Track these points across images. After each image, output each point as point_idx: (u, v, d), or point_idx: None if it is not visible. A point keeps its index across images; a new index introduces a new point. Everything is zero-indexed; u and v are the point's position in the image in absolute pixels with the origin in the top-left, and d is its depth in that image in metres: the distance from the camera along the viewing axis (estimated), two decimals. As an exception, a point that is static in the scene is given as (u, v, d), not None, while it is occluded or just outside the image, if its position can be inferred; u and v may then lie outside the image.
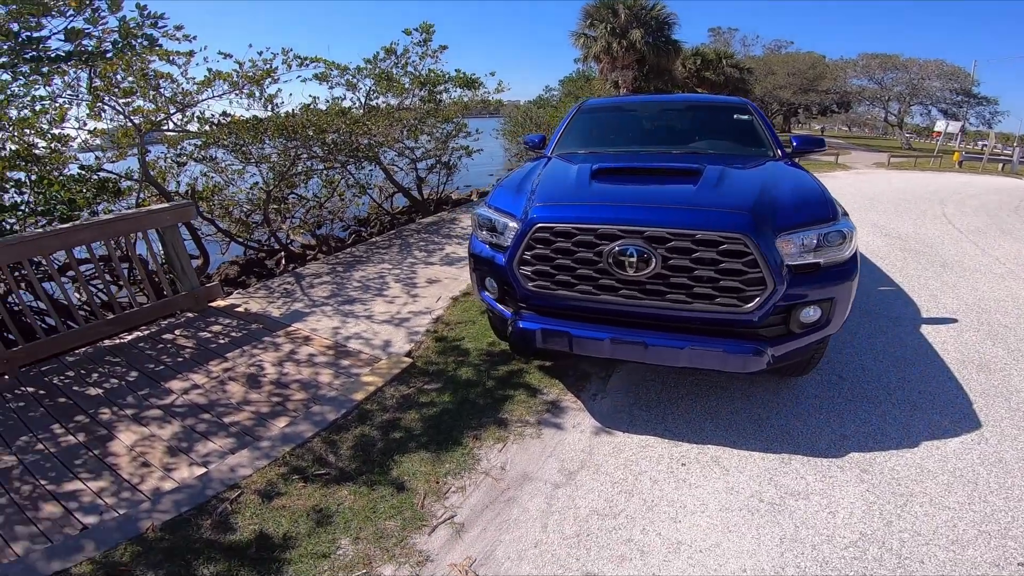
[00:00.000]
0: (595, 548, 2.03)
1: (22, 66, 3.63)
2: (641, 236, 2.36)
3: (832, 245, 2.42)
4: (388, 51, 6.87)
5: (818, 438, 2.70)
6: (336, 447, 2.62)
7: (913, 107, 36.94)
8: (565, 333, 2.51)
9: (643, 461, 2.53)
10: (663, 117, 4.36)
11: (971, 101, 35.34)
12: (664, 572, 1.93)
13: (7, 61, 3.49)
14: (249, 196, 6.27)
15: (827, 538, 2.06)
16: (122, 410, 3.06)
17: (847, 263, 2.49)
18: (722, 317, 2.38)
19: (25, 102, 4.49)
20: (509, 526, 2.14)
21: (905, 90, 35.32)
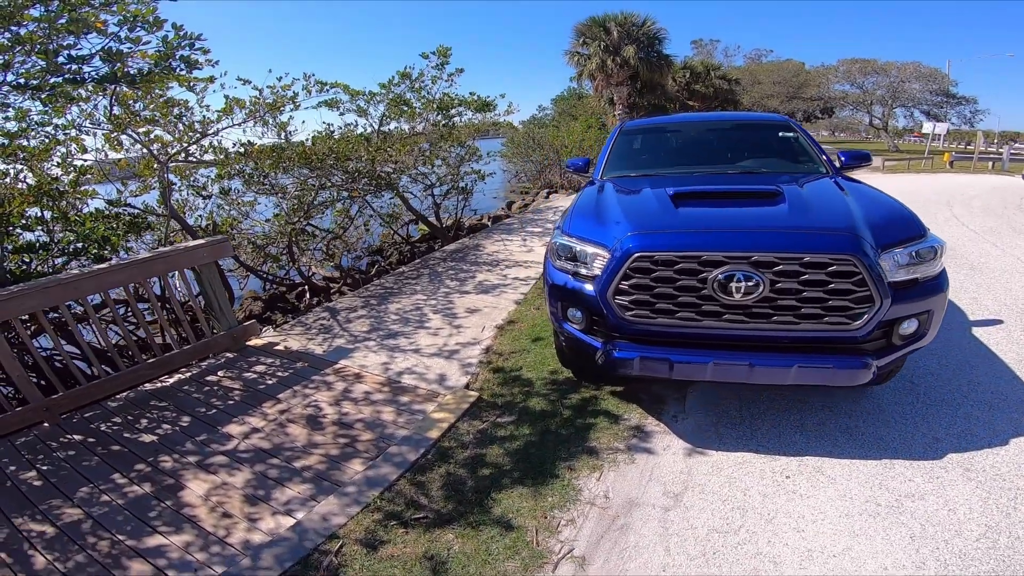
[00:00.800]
0: (726, 564, 2.05)
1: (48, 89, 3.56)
2: (748, 261, 2.42)
3: (926, 260, 2.54)
4: (403, 75, 6.98)
5: (912, 443, 2.76)
6: (425, 488, 2.60)
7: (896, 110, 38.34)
8: (665, 360, 2.56)
9: (746, 477, 2.56)
10: (709, 137, 4.49)
11: (951, 101, 36.80)
12: None
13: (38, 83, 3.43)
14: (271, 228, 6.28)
15: (955, 533, 2.15)
16: (184, 457, 3.03)
17: (939, 276, 2.62)
18: (828, 335, 2.46)
19: (46, 131, 4.46)
20: (631, 553, 2.14)
21: (887, 94, 36.74)
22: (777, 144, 4.20)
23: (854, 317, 2.42)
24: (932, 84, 35.86)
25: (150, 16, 3.22)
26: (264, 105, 5.56)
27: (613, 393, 3.37)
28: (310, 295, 6.27)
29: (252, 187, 6.26)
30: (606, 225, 2.89)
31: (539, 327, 4.50)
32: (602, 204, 3.22)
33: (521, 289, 5.56)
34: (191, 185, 5.93)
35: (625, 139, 4.53)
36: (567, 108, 24.47)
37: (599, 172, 4.20)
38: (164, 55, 3.47)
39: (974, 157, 24.70)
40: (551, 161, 15.30)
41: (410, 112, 7.11)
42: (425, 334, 4.57)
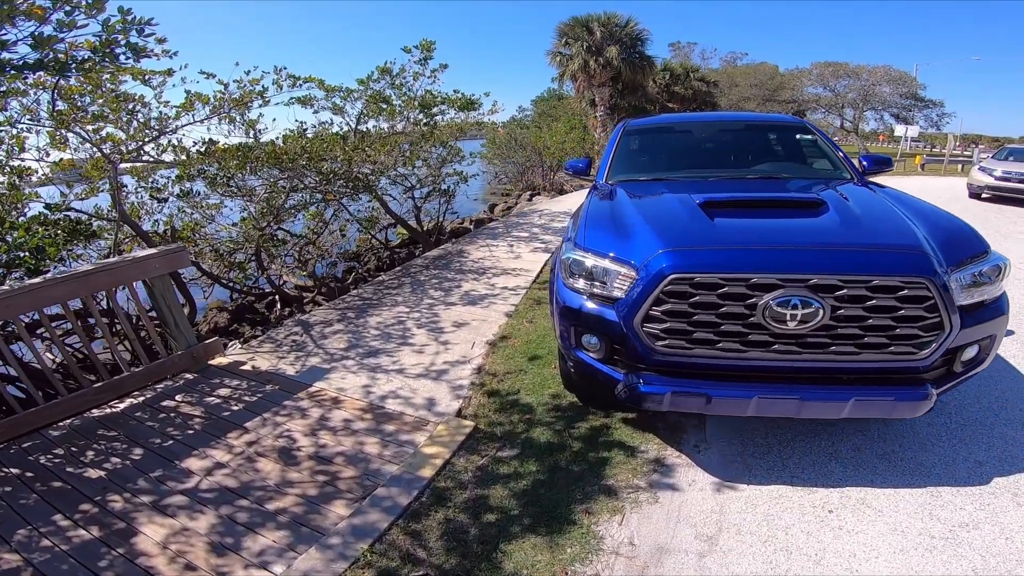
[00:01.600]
0: None
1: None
2: (806, 285, 2.16)
3: (992, 281, 2.35)
4: (383, 71, 6.63)
5: (954, 467, 2.61)
6: (423, 539, 2.30)
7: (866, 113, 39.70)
8: (702, 395, 2.29)
9: (785, 514, 2.34)
10: (721, 138, 4.27)
11: (919, 104, 38.28)
12: None
13: None
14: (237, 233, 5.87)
15: (1018, 562, 2.04)
16: (136, 496, 2.69)
17: (1001, 297, 2.45)
18: (890, 366, 2.25)
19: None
20: None
21: (858, 97, 38.02)
22: (795, 147, 4.00)
23: (922, 346, 2.20)
24: (901, 87, 37.26)
25: None
26: (230, 101, 5.18)
27: (625, 420, 3.12)
28: (281, 305, 5.89)
29: (217, 189, 5.85)
30: (628, 238, 2.57)
31: (535, 343, 4.24)
32: (619, 212, 2.92)
33: (511, 300, 5.30)
34: (148, 187, 5.49)
35: (630, 139, 4.28)
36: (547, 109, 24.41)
37: (603, 175, 3.94)
38: (105, 41, 3.08)
39: (944, 160, 25.63)
40: (533, 163, 15.11)
41: (390, 110, 6.76)
42: (409, 351, 4.26)
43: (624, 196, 3.22)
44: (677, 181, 3.59)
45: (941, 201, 11.41)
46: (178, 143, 5.46)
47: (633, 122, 4.58)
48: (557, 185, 15.39)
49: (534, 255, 7.09)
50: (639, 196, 3.23)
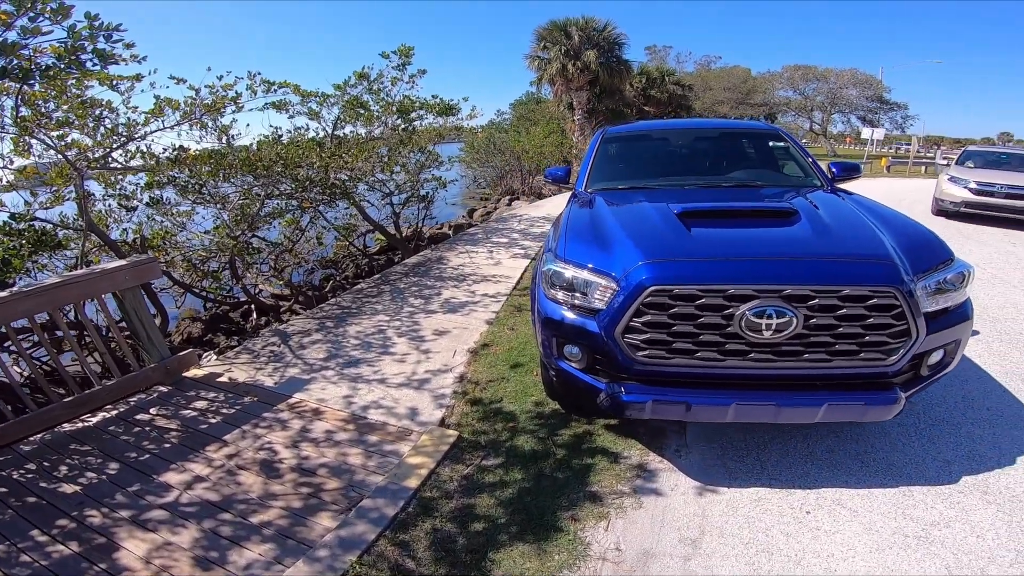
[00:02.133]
0: None
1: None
2: (780, 295, 2.26)
3: (956, 288, 2.47)
4: (360, 76, 6.61)
5: (924, 466, 2.74)
6: (411, 550, 2.33)
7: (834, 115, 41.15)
8: (682, 403, 2.37)
9: (764, 516, 2.44)
10: (697, 145, 4.39)
11: (884, 107, 39.79)
12: None
13: None
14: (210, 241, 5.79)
15: (989, 560, 2.13)
16: (115, 511, 2.66)
17: (966, 303, 2.58)
18: (861, 371, 2.35)
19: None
20: None
21: (826, 100, 39.40)
22: (769, 154, 4.15)
23: (890, 352, 2.32)
24: (868, 90, 38.77)
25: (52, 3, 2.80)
26: (201, 106, 5.11)
27: (608, 427, 3.19)
28: (257, 315, 5.81)
29: (188, 196, 5.76)
30: (608, 249, 2.64)
31: (516, 351, 4.29)
32: (598, 223, 2.99)
33: (492, 307, 5.34)
34: (116, 194, 5.39)
35: (608, 147, 4.38)
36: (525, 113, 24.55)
37: (583, 183, 4.02)
38: (71, 48, 3.04)
39: (909, 162, 26.70)
40: (512, 167, 15.16)
41: (367, 115, 6.74)
42: (390, 360, 4.27)
43: (603, 205, 3.29)
44: (655, 189, 3.69)
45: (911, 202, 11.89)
46: (147, 149, 5.38)
47: (612, 129, 4.67)
48: (536, 189, 15.48)
49: (514, 261, 7.15)
50: (618, 205, 3.31)
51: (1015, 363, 3.89)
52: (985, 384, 3.60)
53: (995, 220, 9.42)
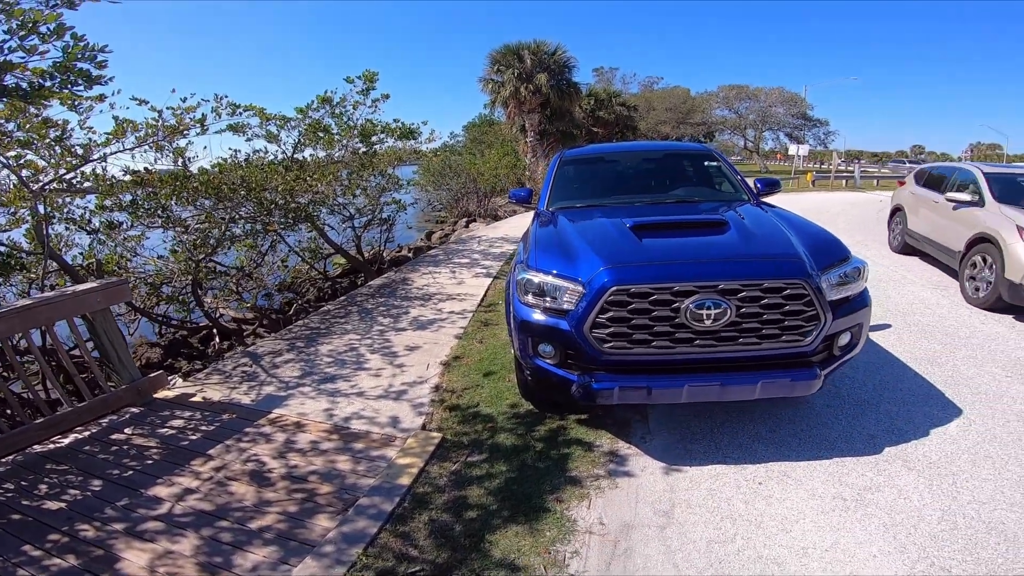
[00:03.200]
0: (735, 571, 2.24)
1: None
2: (715, 289, 2.68)
3: (854, 279, 2.98)
4: (323, 100, 6.76)
5: (852, 440, 3.18)
6: (413, 539, 2.52)
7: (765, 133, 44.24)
8: (644, 387, 2.76)
9: (724, 488, 2.79)
10: (645, 166, 4.91)
11: (808, 124, 43.15)
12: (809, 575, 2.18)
13: None
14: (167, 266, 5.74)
15: (919, 518, 2.50)
16: (108, 524, 2.71)
17: (864, 293, 3.10)
18: (784, 352, 2.79)
19: None
20: (643, 573, 2.26)
21: (757, 118, 42.37)
22: (704, 173, 4.71)
23: (805, 334, 2.78)
24: (793, 108, 41.98)
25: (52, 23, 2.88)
26: (164, 128, 5.15)
27: (579, 421, 3.49)
28: (220, 339, 5.78)
29: (142, 220, 5.71)
30: (573, 259, 3.03)
31: (487, 361, 4.54)
32: (562, 237, 3.39)
33: (459, 323, 5.57)
34: (66, 218, 5.30)
35: (566, 169, 4.80)
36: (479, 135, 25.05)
37: (544, 202, 4.40)
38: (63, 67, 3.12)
39: (831, 176, 29.12)
40: (468, 189, 15.47)
41: (327, 139, 6.88)
42: (366, 375, 4.42)
43: (565, 222, 3.69)
44: (609, 207, 4.15)
45: (834, 214, 13.02)
46: (103, 172, 5.35)
47: (568, 152, 5.12)
48: (492, 211, 15.81)
49: (477, 280, 7.42)
50: (579, 221, 3.71)
51: (923, 349, 4.50)
52: (898, 369, 4.15)
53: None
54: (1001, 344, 4.60)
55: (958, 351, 4.47)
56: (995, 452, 2.99)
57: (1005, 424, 3.28)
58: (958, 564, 2.20)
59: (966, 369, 4.11)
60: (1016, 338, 4.72)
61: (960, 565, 2.19)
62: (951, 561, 2.22)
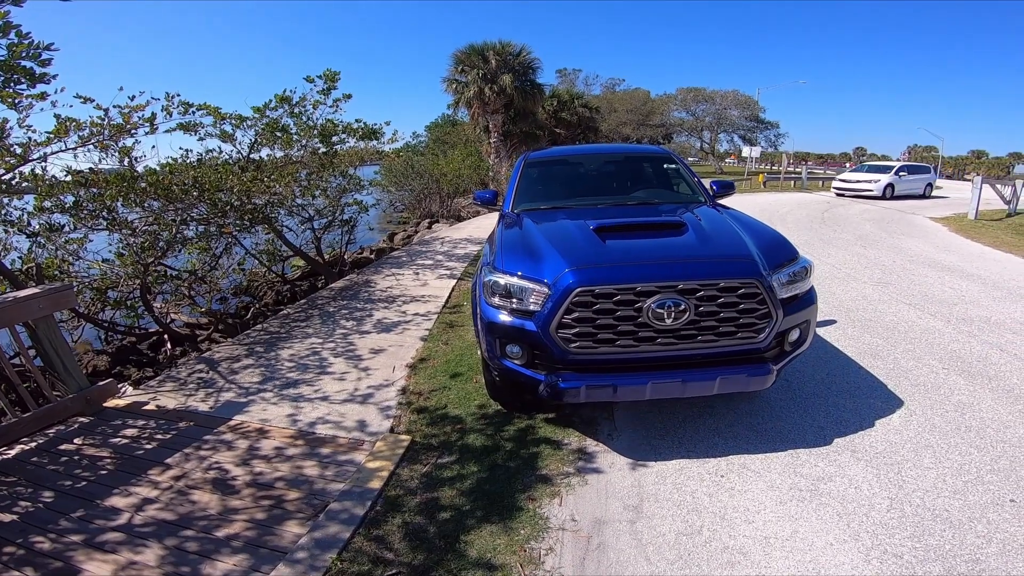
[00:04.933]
0: (703, 562, 2.35)
1: None
2: (675, 289, 2.81)
3: (802, 278, 3.17)
4: (282, 99, 6.59)
5: (804, 432, 3.37)
6: (387, 542, 2.54)
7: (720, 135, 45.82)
8: (610, 385, 2.85)
9: (689, 481, 2.91)
10: (606, 168, 5.03)
11: (760, 126, 44.90)
12: (772, 565, 2.32)
13: None
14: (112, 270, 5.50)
15: (869, 507, 2.67)
16: (64, 536, 2.63)
17: (811, 291, 3.29)
18: (741, 348, 2.94)
19: None
20: (617, 569, 2.34)
21: (713, 120, 43.85)
22: (664, 175, 4.89)
23: (759, 331, 2.94)
24: (747, 111, 43.64)
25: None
26: (110, 127, 4.93)
27: (547, 420, 3.57)
28: (172, 345, 5.58)
29: (84, 222, 5.46)
30: (538, 260, 3.11)
31: (453, 363, 4.56)
32: (528, 239, 3.46)
33: (424, 325, 5.57)
34: (4, 219, 5.02)
35: (530, 171, 4.88)
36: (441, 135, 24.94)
37: (509, 204, 4.47)
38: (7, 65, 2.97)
39: (781, 177, 30.43)
40: (431, 190, 15.38)
41: (286, 138, 6.72)
42: (330, 380, 4.38)
43: (531, 224, 3.77)
44: (573, 208, 4.26)
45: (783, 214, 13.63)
46: (43, 172, 5.10)
47: (532, 155, 5.20)
48: (455, 212, 15.78)
49: (441, 281, 7.43)
50: (543, 223, 3.79)
51: (866, 344, 4.79)
52: (843, 362, 4.41)
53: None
54: (937, 338, 4.95)
55: (898, 345, 4.78)
56: (935, 441, 3.22)
57: (944, 414, 3.54)
58: (908, 551, 2.37)
59: (907, 362, 4.40)
60: (952, 332, 5.08)
61: (911, 552, 2.36)
62: (902, 548, 2.38)
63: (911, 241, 10.41)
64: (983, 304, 5.99)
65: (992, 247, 9.68)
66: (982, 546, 2.39)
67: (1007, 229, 11.61)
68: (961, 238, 10.86)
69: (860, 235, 11.11)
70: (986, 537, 2.44)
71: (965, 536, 2.45)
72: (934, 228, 12.39)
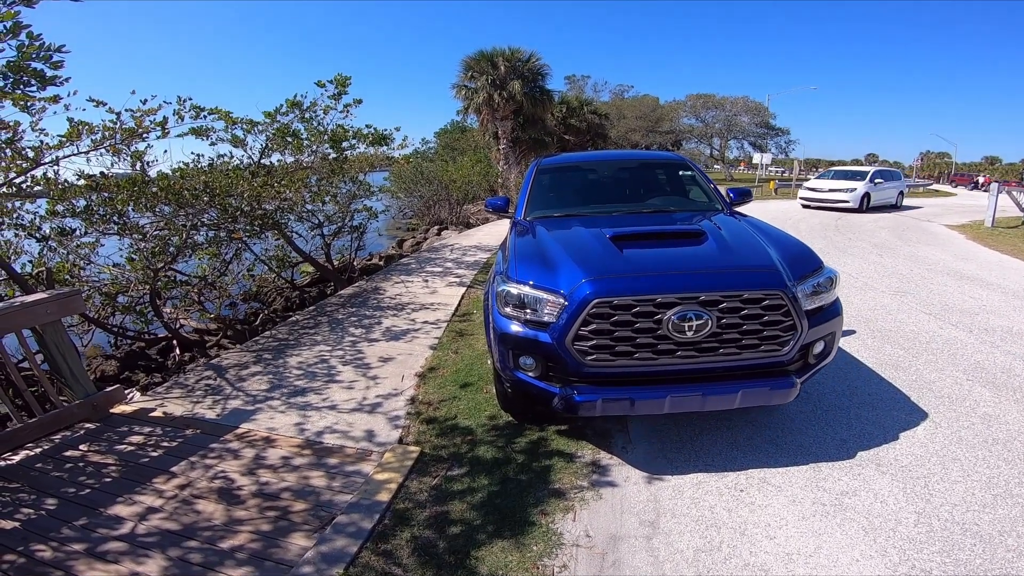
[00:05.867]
0: None
1: None
2: (697, 301, 2.71)
3: (827, 289, 3.06)
4: (293, 104, 6.57)
5: (826, 445, 3.26)
6: (395, 557, 2.46)
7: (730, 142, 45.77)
8: (627, 399, 2.76)
9: (707, 496, 2.82)
10: (620, 175, 4.96)
11: (771, 133, 44.77)
12: None
13: None
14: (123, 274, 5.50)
15: (896, 521, 2.57)
16: (66, 545, 2.59)
17: (836, 302, 3.18)
18: (764, 361, 2.85)
19: None
20: None
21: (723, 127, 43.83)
22: (679, 182, 4.80)
23: (783, 344, 2.83)
24: (757, 117, 43.56)
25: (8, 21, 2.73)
26: (122, 131, 4.94)
27: (559, 432, 3.48)
28: (181, 350, 5.56)
29: (96, 226, 5.47)
30: (554, 270, 3.02)
31: (464, 372, 4.49)
32: (542, 247, 3.37)
33: (434, 333, 5.51)
34: (15, 223, 5.03)
35: (542, 178, 4.81)
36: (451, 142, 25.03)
37: (521, 212, 4.40)
38: (17, 66, 2.97)
39: (792, 184, 30.14)
40: (440, 197, 15.40)
41: (296, 144, 6.71)
42: (338, 388, 4.32)
43: (544, 232, 3.69)
44: (587, 216, 4.17)
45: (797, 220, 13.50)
46: (55, 175, 5.12)
47: (544, 161, 5.14)
48: (464, 218, 15.75)
49: (450, 289, 7.37)
50: (557, 231, 3.71)
51: (887, 355, 4.67)
52: (865, 374, 4.30)
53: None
54: (959, 348, 4.81)
55: (920, 356, 4.65)
56: (962, 454, 3.11)
57: (970, 427, 3.43)
58: (938, 566, 2.27)
59: (929, 374, 4.28)
60: (974, 342, 4.95)
61: (940, 567, 2.27)
62: (931, 564, 2.29)
63: (928, 249, 10.24)
64: (1004, 314, 5.84)
65: (1011, 255, 9.49)
66: (1013, 560, 2.30)
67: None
68: (979, 246, 10.67)
69: (876, 243, 10.94)
70: (1017, 551, 2.34)
71: (995, 550, 2.35)
72: (950, 236, 12.19)
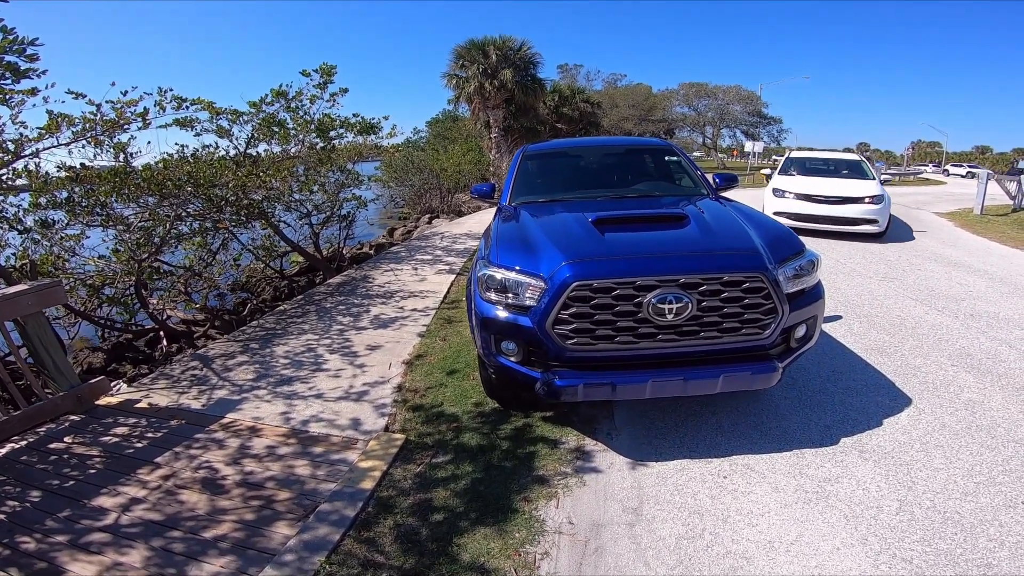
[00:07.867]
0: (704, 568, 2.25)
1: None
2: (677, 284, 2.69)
3: (808, 272, 3.05)
4: (278, 94, 6.48)
5: (810, 432, 3.26)
6: (378, 545, 2.45)
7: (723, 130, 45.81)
8: (608, 383, 2.74)
9: (691, 483, 2.82)
10: (606, 161, 4.92)
11: (763, 122, 44.82)
12: (776, 570, 2.23)
13: None
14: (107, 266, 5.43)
15: (878, 509, 2.57)
16: (50, 536, 2.57)
17: (818, 285, 3.16)
18: (745, 345, 2.83)
19: None
20: (615, 573, 2.25)
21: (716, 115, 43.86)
22: (665, 168, 4.77)
23: (764, 327, 2.82)
24: (749, 106, 43.57)
25: None
26: (102, 123, 4.85)
27: (545, 419, 3.47)
28: (168, 341, 5.51)
29: (79, 218, 5.39)
30: (535, 254, 2.99)
31: (451, 359, 4.47)
32: (525, 232, 3.34)
33: (422, 321, 5.48)
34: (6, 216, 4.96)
35: (528, 164, 4.77)
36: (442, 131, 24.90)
37: (507, 197, 4.36)
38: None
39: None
40: (431, 185, 15.30)
41: (283, 133, 6.61)
42: (325, 377, 4.29)
43: (528, 217, 3.66)
44: (571, 201, 4.14)
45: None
46: (36, 168, 5.03)
47: (531, 147, 5.10)
48: (455, 207, 15.70)
49: (440, 277, 7.33)
50: (540, 216, 3.68)
51: (873, 340, 4.68)
52: (850, 359, 4.31)
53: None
54: (945, 334, 4.83)
55: (905, 342, 4.67)
56: (945, 441, 3.12)
57: (954, 413, 3.44)
58: (919, 555, 2.27)
59: (914, 359, 4.29)
60: (960, 328, 4.97)
61: (921, 556, 2.27)
62: (912, 552, 2.29)
63: (916, 236, 10.27)
64: (991, 300, 5.87)
65: (998, 242, 9.53)
66: (994, 550, 2.30)
67: (1013, 224, 11.45)
68: (967, 233, 10.71)
69: (864, 230, 10.93)
70: (998, 540, 2.35)
71: (977, 539, 2.36)
72: (939, 223, 12.23)
